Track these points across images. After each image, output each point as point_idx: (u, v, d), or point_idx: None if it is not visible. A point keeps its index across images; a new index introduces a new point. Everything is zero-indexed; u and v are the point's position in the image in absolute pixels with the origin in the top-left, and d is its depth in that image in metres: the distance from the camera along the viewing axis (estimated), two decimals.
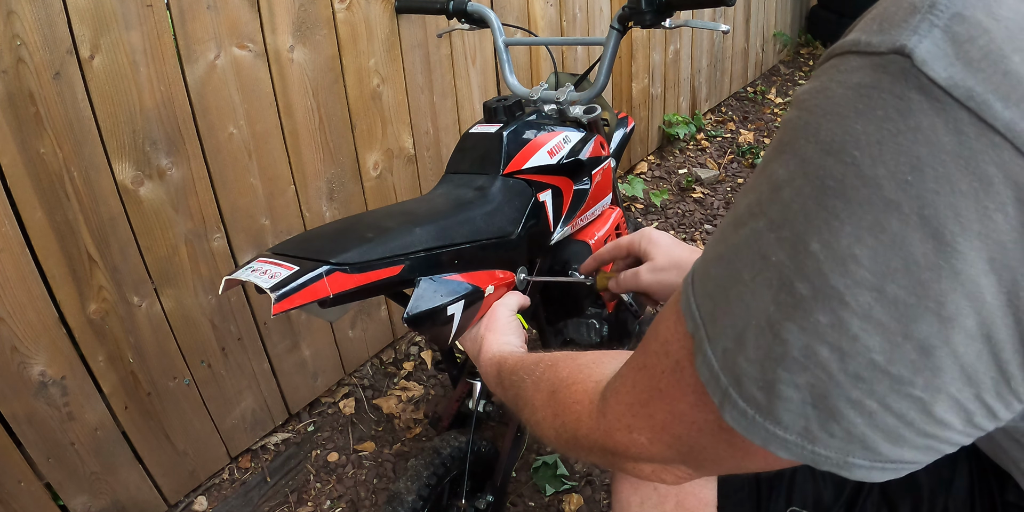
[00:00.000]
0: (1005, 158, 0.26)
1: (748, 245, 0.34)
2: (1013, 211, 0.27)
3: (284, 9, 1.38)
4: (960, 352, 0.29)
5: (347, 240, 0.74)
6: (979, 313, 0.28)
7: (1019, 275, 0.27)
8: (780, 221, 0.32)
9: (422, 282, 0.79)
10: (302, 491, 1.54)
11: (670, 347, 0.40)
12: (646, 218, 2.70)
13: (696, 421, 0.40)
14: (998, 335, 0.28)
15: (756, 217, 0.33)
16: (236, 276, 0.70)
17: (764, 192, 0.33)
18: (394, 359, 1.93)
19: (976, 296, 0.28)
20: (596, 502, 1.46)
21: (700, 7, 1.00)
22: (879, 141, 0.28)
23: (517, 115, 1.08)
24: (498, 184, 0.98)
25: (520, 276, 0.96)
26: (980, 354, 0.29)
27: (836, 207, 0.29)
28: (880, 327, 0.29)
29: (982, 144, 0.26)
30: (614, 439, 0.46)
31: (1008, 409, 0.31)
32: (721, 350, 0.35)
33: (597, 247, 1.19)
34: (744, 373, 0.34)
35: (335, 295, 0.69)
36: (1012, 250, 0.27)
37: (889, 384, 0.30)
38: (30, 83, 1.04)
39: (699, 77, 3.47)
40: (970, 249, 0.27)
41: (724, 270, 0.35)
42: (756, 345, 0.33)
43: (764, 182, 0.33)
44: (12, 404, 1.13)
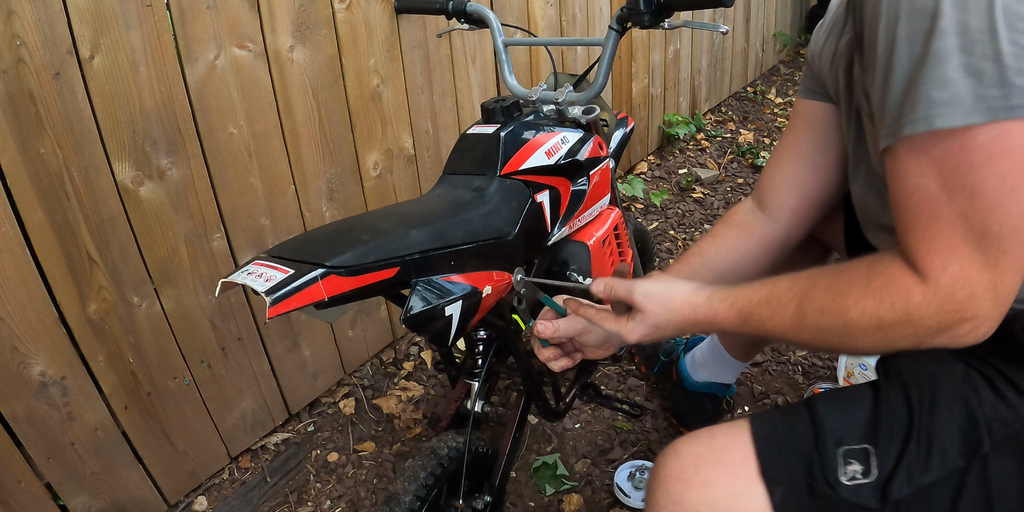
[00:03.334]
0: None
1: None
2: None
3: (284, 9, 1.38)
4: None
5: (342, 243, 0.75)
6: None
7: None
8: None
9: (419, 284, 0.79)
10: (302, 491, 1.54)
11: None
12: (646, 218, 2.70)
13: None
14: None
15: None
16: (232, 279, 0.70)
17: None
18: (394, 359, 1.93)
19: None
20: (596, 502, 1.47)
21: (698, 8, 1.00)
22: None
23: (515, 116, 1.08)
24: (495, 185, 0.98)
25: (517, 277, 0.96)
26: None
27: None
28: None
29: None
30: (948, 273, 0.60)
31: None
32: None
33: (595, 247, 1.19)
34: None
35: (330, 298, 0.69)
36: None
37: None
38: (30, 83, 1.04)
39: (699, 77, 3.47)
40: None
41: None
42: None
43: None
44: (12, 404, 1.13)
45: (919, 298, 0.63)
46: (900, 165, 0.64)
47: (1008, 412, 0.64)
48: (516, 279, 0.96)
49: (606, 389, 1.79)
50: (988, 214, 0.60)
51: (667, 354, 1.70)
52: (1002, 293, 0.61)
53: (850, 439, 0.68)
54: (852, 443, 0.68)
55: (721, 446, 0.73)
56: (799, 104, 1.01)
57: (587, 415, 1.70)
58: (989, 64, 0.57)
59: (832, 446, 0.68)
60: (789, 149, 1.00)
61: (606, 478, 1.52)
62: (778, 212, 1.02)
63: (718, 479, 0.70)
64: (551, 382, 1.32)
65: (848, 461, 0.67)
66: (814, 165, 0.98)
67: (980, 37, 0.57)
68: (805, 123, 0.99)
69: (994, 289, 0.61)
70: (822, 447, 0.68)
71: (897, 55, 0.62)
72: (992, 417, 0.64)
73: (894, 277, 0.64)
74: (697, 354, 1.59)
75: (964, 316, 0.62)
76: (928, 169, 0.62)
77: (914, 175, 0.63)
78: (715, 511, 0.68)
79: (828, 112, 0.95)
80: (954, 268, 0.61)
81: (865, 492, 0.66)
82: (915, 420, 0.67)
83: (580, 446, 1.61)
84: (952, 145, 0.60)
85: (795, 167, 0.99)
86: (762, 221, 1.03)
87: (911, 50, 0.61)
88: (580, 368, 1.45)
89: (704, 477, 0.70)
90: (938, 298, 0.62)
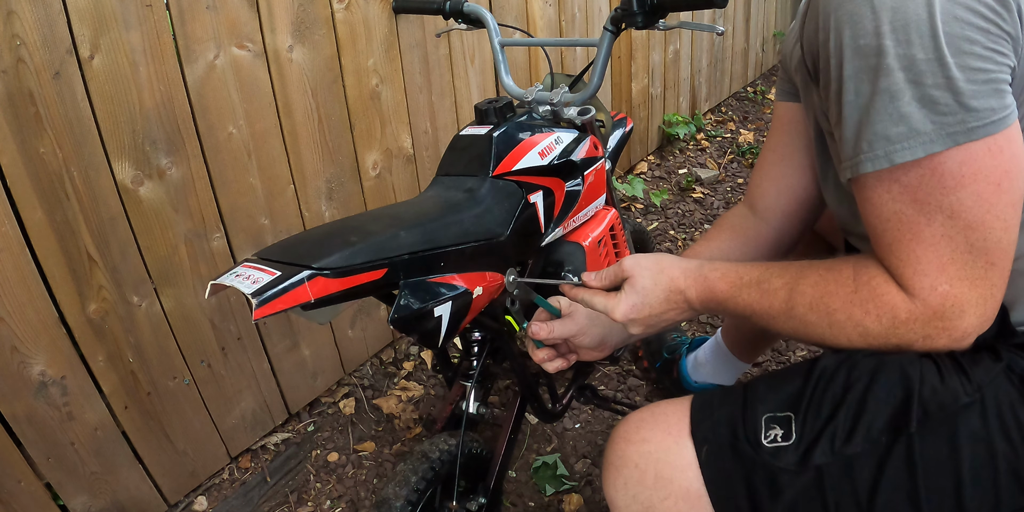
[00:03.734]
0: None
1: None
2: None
3: (283, 9, 1.39)
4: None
5: (330, 245, 0.75)
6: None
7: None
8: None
9: (407, 285, 0.79)
10: (302, 491, 1.54)
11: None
12: (646, 218, 2.70)
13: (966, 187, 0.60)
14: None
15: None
16: (221, 281, 0.71)
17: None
18: (394, 359, 1.94)
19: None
20: (596, 502, 1.47)
21: (691, 9, 1.00)
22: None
23: (508, 117, 1.08)
24: (488, 186, 0.98)
25: (510, 278, 0.96)
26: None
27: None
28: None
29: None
30: (938, 293, 0.62)
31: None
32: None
33: (591, 248, 1.19)
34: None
35: (316, 300, 0.70)
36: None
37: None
38: (30, 83, 1.05)
39: (699, 77, 3.47)
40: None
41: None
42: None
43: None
44: (12, 404, 1.13)
45: (905, 315, 0.64)
46: (871, 194, 0.65)
47: (948, 396, 0.65)
48: (509, 280, 0.96)
49: (604, 390, 1.79)
50: (971, 232, 0.60)
51: (671, 351, 1.71)
52: (991, 305, 0.63)
53: (775, 407, 0.72)
54: (776, 410, 0.71)
55: (663, 411, 0.79)
56: (777, 107, 1.03)
57: (587, 415, 1.71)
58: (941, 92, 0.59)
59: (758, 412, 0.72)
60: (772, 152, 1.02)
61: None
62: (768, 214, 1.03)
63: (653, 436, 0.77)
64: (547, 383, 1.32)
65: (771, 426, 0.71)
66: (799, 165, 0.99)
67: (928, 68, 0.59)
68: (785, 125, 1.00)
69: (983, 303, 0.62)
70: (748, 412, 0.73)
71: (846, 92, 0.63)
72: (929, 399, 0.65)
73: (880, 291, 0.65)
74: (700, 354, 1.59)
75: (952, 333, 0.63)
76: (901, 196, 0.63)
77: (888, 202, 0.64)
78: (649, 463, 0.75)
79: (803, 112, 0.96)
80: (943, 288, 0.62)
81: (785, 454, 0.69)
82: (847, 396, 0.69)
83: (580, 446, 1.61)
84: (922, 173, 0.61)
85: (780, 169, 1.01)
86: (754, 224, 1.04)
87: (862, 89, 0.62)
88: (578, 369, 1.45)
89: (643, 435, 0.77)
90: (926, 315, 0.63)
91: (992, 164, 0.59)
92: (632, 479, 0.76)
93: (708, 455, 0.73)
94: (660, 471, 0.74)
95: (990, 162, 0.59)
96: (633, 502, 0.76)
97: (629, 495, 0.76)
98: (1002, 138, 0.59)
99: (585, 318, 0.93)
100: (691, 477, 0.73)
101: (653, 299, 0.80)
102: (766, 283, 0.73)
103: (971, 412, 0.64)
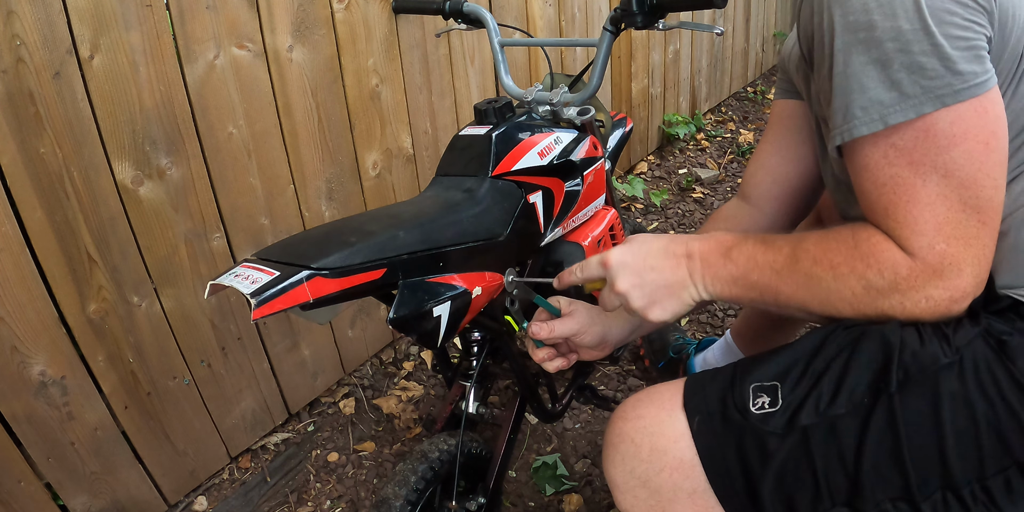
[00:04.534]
0: None
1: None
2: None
3: (283, 9, 1.39)
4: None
5: (329, 245, 0.75)
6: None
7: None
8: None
9: (406, 285, 0.79)
10: (302, 491, 1.54)
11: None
12: (646, 218, 2.70)
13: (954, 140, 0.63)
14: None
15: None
16: (220, 281, 0.71)
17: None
18: (394, 359, 1.94)
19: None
20: (596, 502, 1.47)
21: (691, 9, 1.01)
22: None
23: (507, 117, 1.08)
24: (487, 186, 0.98)
25: (509, 278, 0.96)
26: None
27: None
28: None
29: None
30: (936, 252, 0.64)
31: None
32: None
33: (590, 248, 1.19)
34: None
35: (315, 300, 0.70)
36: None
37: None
38: (30, 83, 1.05)
39: (699, 77, 3.47)
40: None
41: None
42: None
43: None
44: (12, 404, 1.14)
45: (907, 271, 0.66)
46: (868, 160, 0.68)
47: (927, 358, 0.67)
48: (508, 280, 0.96)
49: (604, 390, 1.79)
50: (964, 190, 0.64)
51: (676, 351, 1.71)
52: (983, 265, 0.65)
53: (762, 378, 0.75)
54: (763, 380, 0.74)
55: (658, 390, 0.82)
56: (776, 104, 1.07)
57: (587, 415, 1.71)
58: (928, 58, 0.63)
59: (746, 383, 0.75)
60: (769, 145, 1.06)
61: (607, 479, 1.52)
62: (762, 202, 1.06)
63: (648, 412, 0.79)
64: (547, 383, 1.32)
65: (758, 394, 0.74)
66: (793, 157, 1.03)
67: (914, 37, 0.63)
68: (783, 120, 1.04)
69: (978, 263, 0.65)
70: (736, 383, 0.76)
71: (837, 65, 0.67)
72: (910, 362, 0.68)
73: (880, 247, 0.67)
74: (709, 355, 1.59)
75: (952, 293, 0.65)
76: (897, 159, 0.66)
77: (884, 167, 0.67)
78: (644, 437, 0.78)
79: (804, 109, 1.00)
80: (941, 247, 0.64)
81: (772, 419, 0.72)
82: (832, 364, 0.71)
83: (580, 446, 1.61)
84: (915, 134, 0.65)
85: (775, 160, 1.05)
86: (748, 212, 1.07)
87: (853, 60, 0.66)
88: (577, 369, 1.45)
89: (638, 412, 0.80)
90: (926, 273, 0.65)
91: (980, 124, 0.63)
92: (628, 454, 0.78)
93: (699, 425, 0.75)
94: (655, 444, 0.77)
95: (977, 122, 0.63)
96: (631, 477, 0.78)
97: (627, 470, 0.78)
98: (986, 100, 0.64)
99: (585, 317, 0.94)
100: (684, 447, 0.75)
101: (650, 247, 0.81)
102: (770, 240, 0.76)
103: (950, 372, 0.67)
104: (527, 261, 1.13)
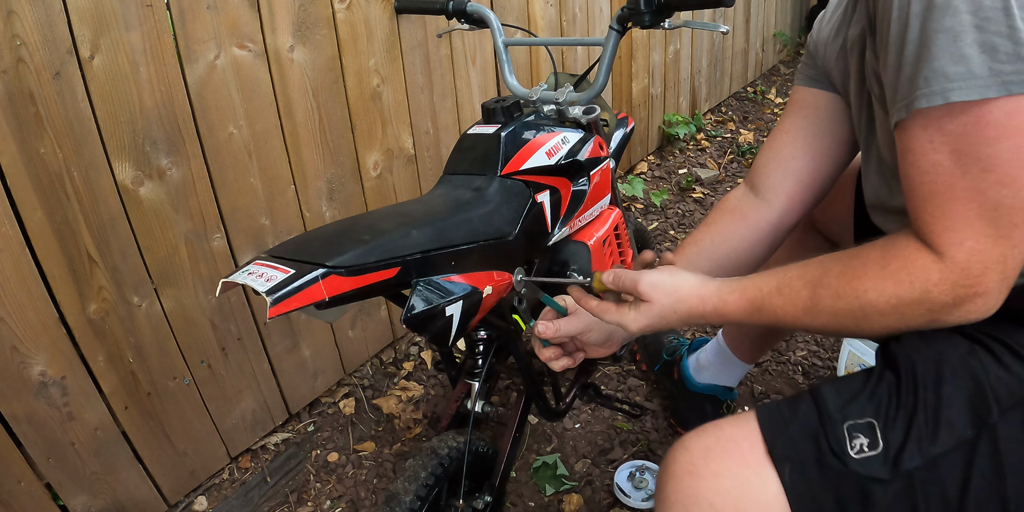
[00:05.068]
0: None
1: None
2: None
3: (284, 9, 1.38)
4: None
5: (343, 243, 0.75)
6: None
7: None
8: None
9: (419, 284, 0.79)
10: (302, 491, 1.54)
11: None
12: (646, 218, 2.70)
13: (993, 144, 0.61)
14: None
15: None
16: (233, 279, 0.70)
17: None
18: (394, 359, 1.93)
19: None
20: (596, 502, 1.47)
21: (698, 8, 1.00)
22: None
23: (515, 116, 1.08)
24: (496, 185, 0.98)
25: (518, 277, 0.96)
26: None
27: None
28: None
29: None
30: (964, 249, 0.63)
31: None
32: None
33: (596, 248, 1.19)
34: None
35: (331, 298, 0.69)
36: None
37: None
38: (30, 83, 1.04)
39: (699, 77, 3.47)
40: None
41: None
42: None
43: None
44: (12, 404, 1.13)
45: (937, 275, 0.64)
46: (914, 143, 0.66)
47: (1012, 380, 0.65)
48: (516, 279, 0.96)
49: (606, 389, 1.79)
50: (1001, 188, 0.61)
51: (670, 353, 1.70)
52: (1011, 266, 0.63)
53: (854, 414, 0.68)
54: (856, 418, 0.68)
55: (728, 436, 0.73)
56: (797, 92, 1.02)
57: (587, 415, 1.70)
58: (1003, 40, 0.60)
59: (837, 421, 0.68)
60: (786, 134, 1.01)
61: (606, 478, 1.52)
62: (771, 195, 1.02)
63: (727, 468, 0.70)
64: (551, 382, 1.32)
65: (854, 435, 0.67)
66: (811, 149, 0.99)
67: (994, 15, 0.60)
68: (804, 109, 1.00)
69: (1004, 262, 0.63)
70: (826, 422, 0.69)
71: (910, 31, 0.64)
72: (998, 386, 0.65)
73: (911, 257, 0.66)
74: (701, 356, 1.59)
75: (977, 291, 0.64)
76: (942, 146, 0.64)
77: (928, 152, 0.65)
78: (728, 501, 0.68)
79: (828, 100, 0.96)
80: (969, 244, 0.63)
81: (874, 464, 0.66)
82: (920, 394, 0.67)
83: (580, 446, 1.61)
84: (967, 120, 0.62)
85: (791, 151, 1.00)
86: (756, 205, 1.03)
87: (925, 27, 0.63)
88: (580, 368, 1.45)
89: (714, 468, 0.70)
90: (954, 274, 0.64)
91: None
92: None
93: (792, 475, 0.68)
94: (742, 508, 0.68)
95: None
96: None
97: None
98: None
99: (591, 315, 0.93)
100: (776, 509, 0.68)
101: (671, 321, 0.80)
102: (786, 288, 0.73)
103: None
104: (534, 260, 1.13)
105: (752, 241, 1.02)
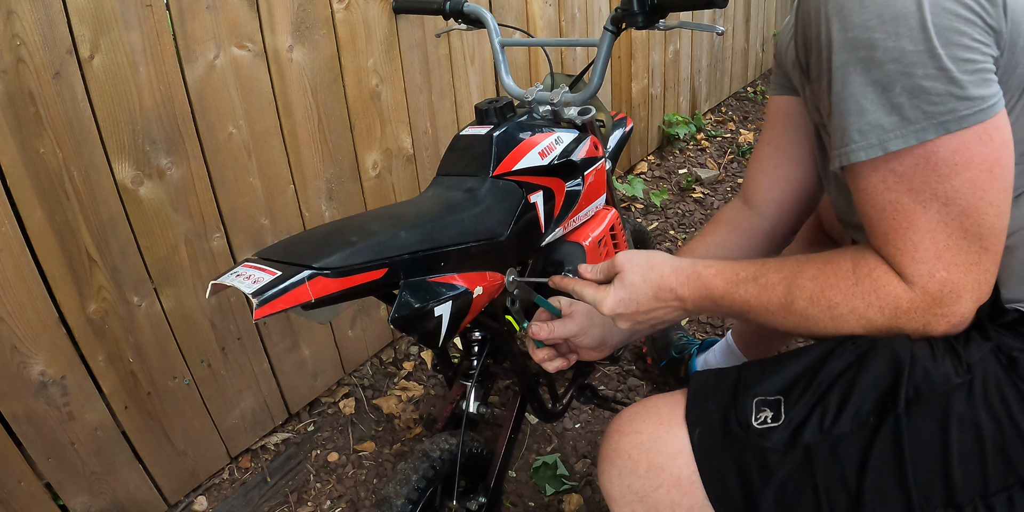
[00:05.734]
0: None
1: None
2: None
3: (283, 9, 1.39)
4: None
5: (331, 245, 0.75)
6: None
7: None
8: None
9: (407, 284, 0.79)
10: (302, 491, 1.54)
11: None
12: (646, 218, 2.70)
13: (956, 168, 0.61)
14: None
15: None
16: (221, 280, 0.71)
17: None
18: (394, 359, 1.94)
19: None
20: (596, 502, 1.47)
21: (692, 9, 1.00)
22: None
23: (508, 117, 1.08)
24: (488, 185, 0.98)
25: (510, 277, 0.96)
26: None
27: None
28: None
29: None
30: (936, 280, 0.63)
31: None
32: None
33: (591, 248, 1.19)
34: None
35: (317, 299, 0.70)
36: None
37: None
38: (30, 83, 1.05)
39: (699, 77, 3.47)
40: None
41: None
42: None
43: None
44: (12, 404, 1.13)
45: (907, 304, 0.65)
46: (866, 183, 0.66)
47: (939, 377, 0.66)
48: (509, 280, 0.96)
49: (604, 389, 1.79)
50: (966, 218, 0.62)
51: (679, 351, 1.70)
52: (984, 289, 0.64)
53: (766, 391, 0.73)
54: (767, 394, 0.73)
55: (654, 403, 0.81)
56: (772, 101, 1.04)
57: (587, 415, 1.71)
58: (933, 83, 0.60)
59: (749, 396, 0.74)
60: (767, 145, 1.03)
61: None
62: (763, 206, 1.04)
63: (645, 427, 0.78)
64: (547, 383, 1.32)
65: (761, 408, 0.72)
66: (793, 157, 1.00)
67: (918, 59, 0.60)
68: (779, 118, 1.01)
69: (978, 288, 0.64)
70: (739, 394, 0.74)
71: (835, 84, 0.64)
72: (921, 380, 0.66)
73: (880, 281, 0.66)
74: (710, 356, 1.59)
75: (950, 319, 0.65)
76: (896, 185, 0.64)
77: (883, 192, 0.65)
78: (641, 452, 0.77)
79: (799, 105, 0.97)
80: (941, 275, 0.63)
81: (774, 434, 0.70)
82: (838, 380, 0.70)
83: (580, 446, 1.61)
84: (915, 161, 0.62)
85: (774, 161, 1.02)
86: (749, 216, 1.05)
87: (852, 80, 0.63)
88: (578, 369, 1.45)
89: (635, 426, 0.79)
90: (926, 303, 0.64)
91: (984, 152, 0.61)
92: (626, 469, 0.77)
93: (700, 437, 0.74)
94: (652, 460, 0.76)
95: (981, 150, 0.61)
96: (628, 492, 0.77)
97: (623, 485, 0.77)
98: (991, 126, 0.61)
99: (585, 318, 0.93)
100: (682, 464, 0.74)
101: (641, 295, 0.80)
102: (763, 278, 0.74)
103: (960, 393, 0.65)
104: (528, 261, 1.13)
105: (746, 249, 1.03)
